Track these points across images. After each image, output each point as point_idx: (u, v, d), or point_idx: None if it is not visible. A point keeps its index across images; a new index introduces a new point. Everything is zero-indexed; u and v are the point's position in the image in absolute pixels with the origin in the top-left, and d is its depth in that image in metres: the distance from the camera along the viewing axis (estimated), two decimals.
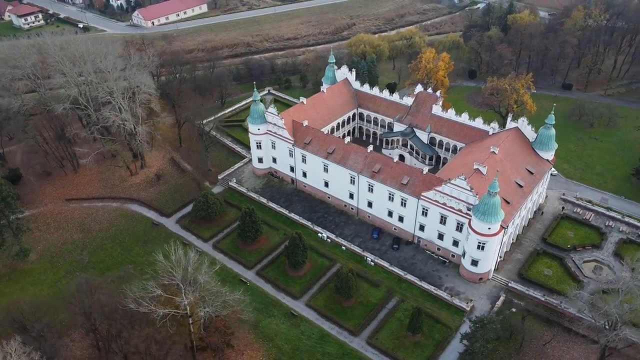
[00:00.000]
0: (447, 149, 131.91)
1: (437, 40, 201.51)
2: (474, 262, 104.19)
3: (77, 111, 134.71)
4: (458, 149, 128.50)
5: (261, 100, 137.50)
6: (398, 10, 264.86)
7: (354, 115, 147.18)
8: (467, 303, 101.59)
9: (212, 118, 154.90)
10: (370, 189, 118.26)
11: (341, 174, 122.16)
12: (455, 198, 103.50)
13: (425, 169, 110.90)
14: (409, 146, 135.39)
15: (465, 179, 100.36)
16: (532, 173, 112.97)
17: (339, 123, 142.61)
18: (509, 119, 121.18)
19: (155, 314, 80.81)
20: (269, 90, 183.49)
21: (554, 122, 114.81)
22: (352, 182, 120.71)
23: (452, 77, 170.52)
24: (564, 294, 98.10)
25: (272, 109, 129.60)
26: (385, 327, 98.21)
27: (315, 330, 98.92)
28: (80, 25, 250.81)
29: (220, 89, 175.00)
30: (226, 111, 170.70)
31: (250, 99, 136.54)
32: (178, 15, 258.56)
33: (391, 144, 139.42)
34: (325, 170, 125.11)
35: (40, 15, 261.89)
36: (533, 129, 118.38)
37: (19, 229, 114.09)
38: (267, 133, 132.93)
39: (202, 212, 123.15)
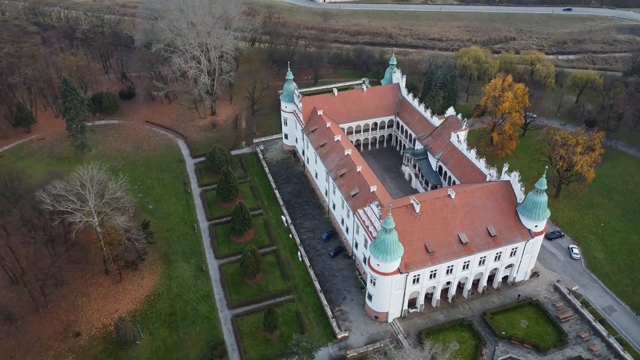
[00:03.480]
0: (448, 182, 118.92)
1: (572, 74, 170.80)
2: (369, 296, 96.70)
3: (166, 53, 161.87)
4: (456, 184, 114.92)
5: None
6: (580, 35, 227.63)
7: (391, 121, 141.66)
8: (344, 331, 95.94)
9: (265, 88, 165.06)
10: (334, 191, 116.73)
11: (321, 169, 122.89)
12: (372, 224, 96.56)
13: (374, 187, 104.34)
14: (417, 168, 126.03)
15: (377, 206, 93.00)
16: (491, 235, 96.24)
17: (368, 124, 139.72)
18: (504, 169, 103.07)
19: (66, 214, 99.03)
20: (364, 81, 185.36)
21: (545, 188, 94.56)
22: (327, 179, 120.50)
23: (548, 116, 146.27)
24: None
25: (297, 91, 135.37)
26: (255, 315, 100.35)
27: (206, 289, 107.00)
28: None
29: (315, 68, 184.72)
30: (310, 89, 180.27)
31: (340, 84, 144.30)
32: None
33: (406, 161, 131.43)
34: (315, 161, 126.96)
35: None
36: (523, 189, 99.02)
37: (83, 128, 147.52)
38: (292, 112, 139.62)
39: (209, 163, 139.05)
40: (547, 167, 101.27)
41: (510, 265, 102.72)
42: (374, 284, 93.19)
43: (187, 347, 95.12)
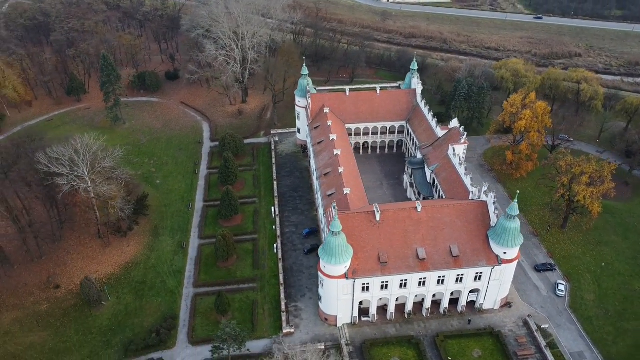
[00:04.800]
0: (439, 195, 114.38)
1: (624, 98, 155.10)
2: (320, 298, 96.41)
3: (204, 39, 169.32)
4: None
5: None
6: None
7: (402, 127, 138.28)
8: (291, 327, 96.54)
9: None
10: (317, 190, 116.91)
11: (312, 165, 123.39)
12: None
13: (347, 190, 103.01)
14: (412, 177, 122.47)
15: (335, 208, 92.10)
16: (453, 255, 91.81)
17: (377, 127, 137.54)
18: (483, 189, 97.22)
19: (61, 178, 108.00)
20: (399, 85, 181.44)
21: (516, 213, 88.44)
22: (315, 177, 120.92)
23: (586, 141, 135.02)
24: None
25: (309, 87, 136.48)
26: (215, 297, 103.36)
27: (180, 265, 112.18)
28: None
29: (351, 67, 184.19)
30: (344, 87, 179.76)
31: (375, 85, 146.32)
32: None
33: (406, 169, 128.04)
34: (312, 158, 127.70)
35: None
36: (497, 212, 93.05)
37: (118, 102, 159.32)
38: (305, 108, 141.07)
39: (220, 148, 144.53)
40: (517, 192, 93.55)
41: (476, 291, 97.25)
42: (322, 285, 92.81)
43: (145, 316, 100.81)
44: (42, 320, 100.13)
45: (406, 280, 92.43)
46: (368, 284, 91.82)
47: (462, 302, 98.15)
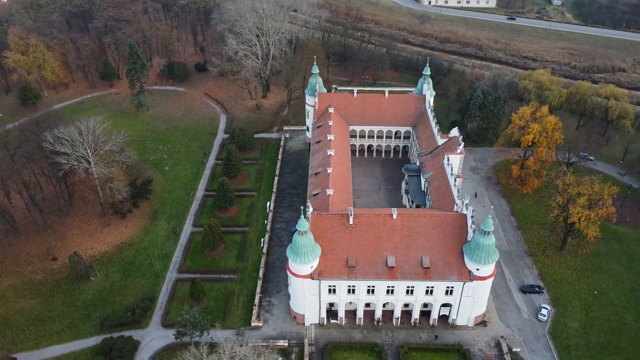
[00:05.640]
0: (431, 205, 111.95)
1: None
2: (289, 295, 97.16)
3: (229, 34, 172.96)
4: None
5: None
6: None
7: (407, 132, 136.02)
8: (260, 321, 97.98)
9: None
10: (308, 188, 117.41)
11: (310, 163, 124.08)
12: None
13: (330, 191, 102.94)
14: (407, 184, 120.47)
15: (308, 208, 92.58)
16: (423, 266, 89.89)
17: (382, 131, 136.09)
18: (465, 201, 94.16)
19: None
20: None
21: (491, 229, 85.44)
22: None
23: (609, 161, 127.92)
24: None
25: (317, 87, 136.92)
26: (195, 284, 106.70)
27: (169, 250, 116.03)
28: None
29: (374, 68, 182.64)
30: (364, 88, 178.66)
31: (397, 88, 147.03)
32: (459, 2, 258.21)
33: (404, 176, 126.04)
34: (310, 157, 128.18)
35: None
36: (473, 227, 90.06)
37: (142, 89, 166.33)
38: (313, 106, 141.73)
39: (230, 140, 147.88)
40: (491, 207, 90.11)
41: (449, 305, 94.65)
42: (290, 283, 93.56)
43: (126, 294, 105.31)
44: (34, 289, 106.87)
45: (374, 286, 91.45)
46: (334, 286, 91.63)
47: (434, 315, 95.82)
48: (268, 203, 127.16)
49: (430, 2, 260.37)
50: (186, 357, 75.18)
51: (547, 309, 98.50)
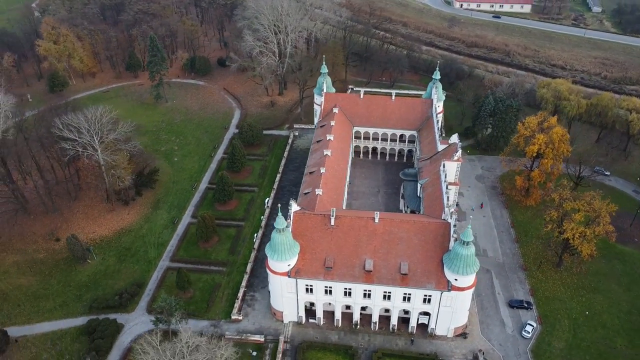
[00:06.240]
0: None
1: None
2: (269, 292, 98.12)
3: (247, 30, 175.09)
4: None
5: None
6: None
7: (412, 136, 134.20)
8: (240, 314, 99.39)
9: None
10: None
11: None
12: None
13: (319, 191, 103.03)
14: (404, 188, 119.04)
15: (295, 204, 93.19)
16: (401, 273, 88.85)
17: (387, 134, 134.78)
18: (450, 210, 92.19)
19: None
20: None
21: (470, 239, 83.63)
22: None
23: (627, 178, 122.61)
24: None
25: (325, 86, 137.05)
26: (181, 273, 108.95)
27: (165, 239, 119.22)
28: None
29: (393, 71, 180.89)
30: (380, 90, 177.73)
31: (413, 92, 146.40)
32: (492, 6, 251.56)
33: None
34: (309, 156, 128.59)
35: None
36: (455, 236, 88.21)
37: (161, 81, 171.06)
38: (320, 105, 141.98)
39: (239, 135, 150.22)
40: (470, 217, 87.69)
41: (429, 314, 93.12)
42: (269, 280, 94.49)
43: (118, 279, 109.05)
44: (35, 267, 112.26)
45: (350, 289, 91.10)
46: (312, 286, 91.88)
47: (412, 322, 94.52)
48: (267, 199, 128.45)
49: (462, 5, 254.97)
50: (143, 343, 77.22)
51: (532, 325, 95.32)
